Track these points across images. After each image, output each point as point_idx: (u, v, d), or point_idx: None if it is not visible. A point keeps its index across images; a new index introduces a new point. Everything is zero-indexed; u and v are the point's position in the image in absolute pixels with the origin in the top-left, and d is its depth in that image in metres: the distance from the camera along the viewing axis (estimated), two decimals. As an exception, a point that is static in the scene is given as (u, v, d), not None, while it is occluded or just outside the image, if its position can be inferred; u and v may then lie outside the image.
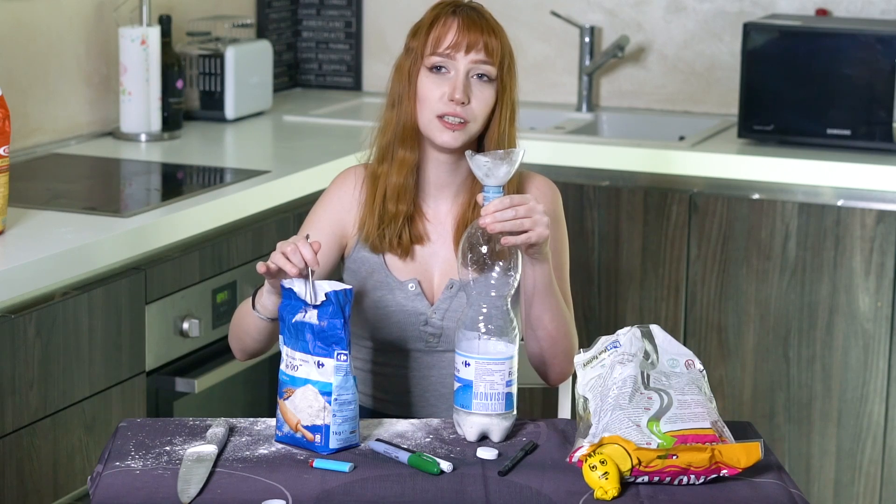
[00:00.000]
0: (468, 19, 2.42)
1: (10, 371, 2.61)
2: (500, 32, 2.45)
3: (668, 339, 2.20)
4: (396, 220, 2.46)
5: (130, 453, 2.12)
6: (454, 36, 2.41)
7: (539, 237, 2.25)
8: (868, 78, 3.73)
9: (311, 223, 2.51)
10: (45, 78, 3.63)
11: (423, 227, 2.50)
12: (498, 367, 2.17)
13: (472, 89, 2.41)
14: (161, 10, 3.94)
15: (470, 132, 2.42)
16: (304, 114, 4.26)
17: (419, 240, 2.49)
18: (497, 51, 2.42)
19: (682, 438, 2.05)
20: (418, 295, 2.47)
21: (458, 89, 2.40)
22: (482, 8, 2.47)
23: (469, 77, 2.42)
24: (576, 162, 3.89)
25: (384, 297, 2.47)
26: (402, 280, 2.48)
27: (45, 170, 3.43)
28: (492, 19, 2.45)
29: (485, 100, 2.42)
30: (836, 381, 3.70)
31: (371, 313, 2.48)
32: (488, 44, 2.41)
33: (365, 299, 2.48)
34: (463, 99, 2.40)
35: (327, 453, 2.13)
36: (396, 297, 2.47)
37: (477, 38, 2.41)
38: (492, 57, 2.42)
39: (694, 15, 4.33)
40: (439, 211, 2.51)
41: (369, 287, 2.48)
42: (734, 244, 3.74)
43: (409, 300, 2.47)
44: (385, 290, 2.48)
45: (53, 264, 2.71)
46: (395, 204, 2.46)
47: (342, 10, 4.69)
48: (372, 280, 2.48)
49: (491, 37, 2.42)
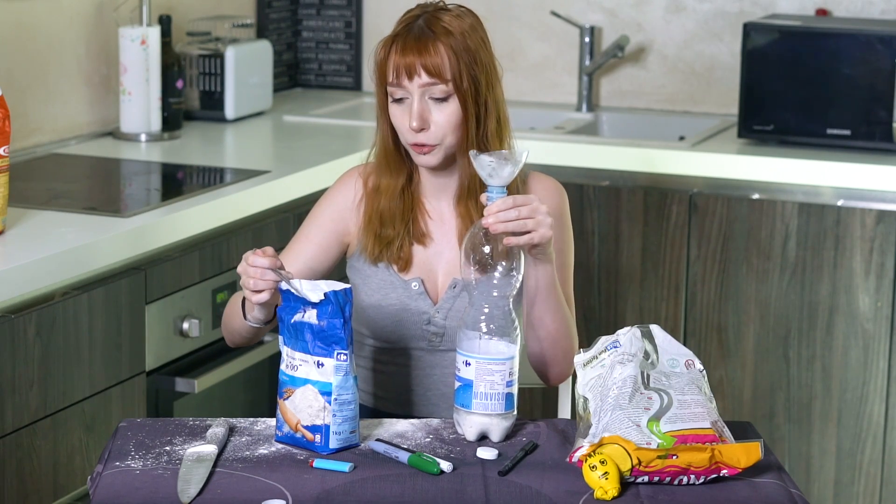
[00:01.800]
0: (404, 43, 2.37)
1: (10, 371, 2.61)
2: (450, 41, 2.37)
3: (668, 339, 2.20)
4: (393, 241, 2.47)
5: (130, 453, 2.12)
6: (394, 64, 2.38)
7: (542, 238, 2.25)
8: (868, 78, 3.73)
9: (313, 220, 2.52)
10: (45, 78, 3.63)
11: (425, 226, 2.50)
12: (498, 368, 2.17)
13: (430, 112, 2.40)
14: (161, 10, 3.95)
15: (445, 149, 2.41)
16: (304, 114, 4.26)
17: (422, 239, 2.49)
18: (440, 66, 2.36)
19: (682, 438, 2.05)
20: (422, 294, 2.47)
21: (415, 118, 2.38)
22: (439, 15, 2.40)
23: (426, 99, 2.39)
24: (576, 162, 3.89)
25: (388, 296, 2.47)
26: (406, 279, 2.48)
27: (45, 170, 3.44)
28: (442, 30, 2.37)
29: (446, 117, 2.39)
30: (836, 381, 3.70)
31: (374, 311, 2.48)
32: (427, 65, 2.36)
33: (368, 297, 2.49)
34: (420, 126, 2.38)
35: (327, 453, 2.13)
36: (400, 295, 2.47)
37: (413, 61, 2.36)
38: (436, 76, 2.37)
39: (694, 15, 4.33)
40: (442, 210, 2.51)
41: (373, 285, 2.48)
42: (734, 244, 3.74)
43: (412, 299, 2.47)
44: (389, 289, 2.48)
45: (53, 264, 2.71)
46: (390, 227, 2.47)
47: (342, 10, 4.69)
48: (376, 278, 2.48)
49: (429, 55, 2.36)
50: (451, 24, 2.39)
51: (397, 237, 2.46)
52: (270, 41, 4.36)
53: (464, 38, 2.39)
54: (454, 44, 2.38)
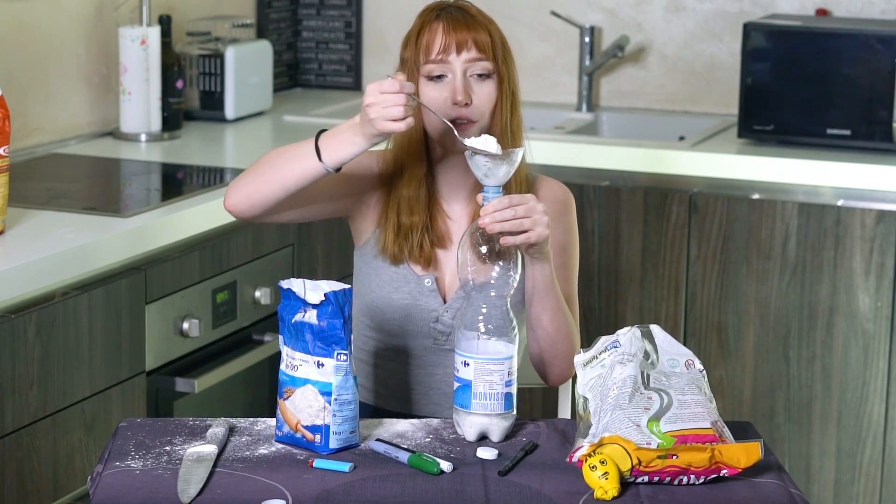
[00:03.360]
0: (452, 20, 2.42)
1: (10, 371, 2.61)
2: (489, 25, 2.45)
3: (668, 339, 2.20)
4: (413, 231, 2.46)
5: (130, 453, 2.12)
6: (442, 40, 2.41)
7: (539, 237, 2.25)
8: (868, 78, 3.73)
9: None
10: (45, 78, 3.63)
11: (445, 228, 2.50)
12: (497, 368, 2.17)
13: (472, 88, 2.42)
14: (161, 10, 3.94)
15: (480, 129, 2.43)
16: (304, 114, 4.25)
17: (442, 242, 2.49)
18: (488, 45, 2.42)
19: (682, 438, 2.05)
20: (433, 291, 2.47)
21: (459, 91, 2.40)
22: (468, 5, 2.47)
23: (467, 77, 2.42)
24: (576, 162, 3.89)
25: (399, 289, 2.47)
26: (420, 274, 2.48)
27: (45, 170, 3.44)
28: (479, 14, 2.45)
29: (487, 95, 2.43)
30: (836, 381, 3.70)
31: (383, 303, 2.48)
32: (478, 40, 2.41)
33: (379, 289, 2.48)
34: (466, 100, 2.40)
35: (327, 453, 2.13)
36: (412, 290, 2.47)
37: (465, 36, 2.41)
38: (484, 52, 2.42)
39: (694, 15, 4.33)
40: (455, 212, 2.51)
41: (385, 276, 2.48)
42: (734, 244, 3.74)
43: (423, 295, 2.47)
44: (401, 282, 2.47)
45: (53, 264, 2.71)
46: (408, 216, 2.46)
47: (342, 10, 4.69)
48: (389, 270, 2.48)
49: (479, 32, 2.42)
50: (482, 12, 2.48)
51: (416, 231, 2.46)
52: (270, 41, 4.36)
53: (498, 28, 2.47)
54: (493, 29, 2.45)
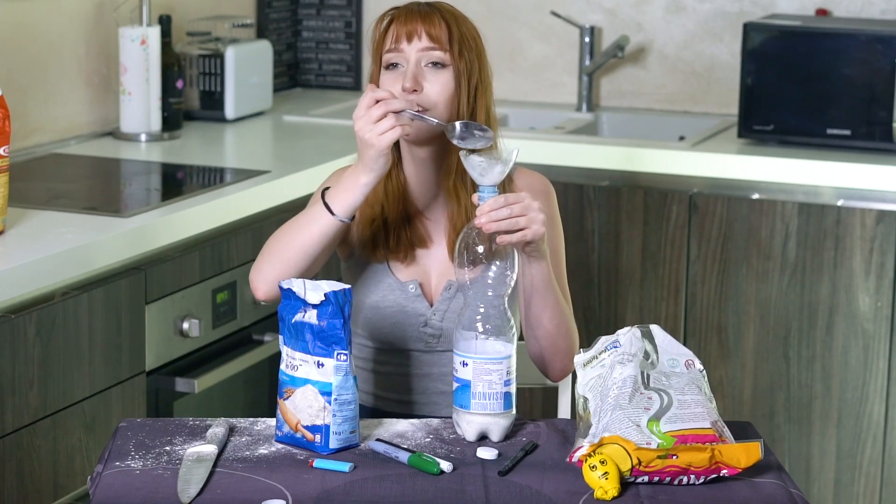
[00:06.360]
0: (408, 12, 2.44)
1: (10, 371, 2.61)
2: (454, 21, 2.44)
3: (668, 339, 2.20)
4: (388, 222, 2.46)
5: (130, 453, 2.12)
6: (395, 30, 2.43)
7: (535, 235, 2.25)
8: (868, 78, 3.73)
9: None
10: (45, 78, 3.63)
11: (424, 229, 2.50)
12: (496, 367, 2.17)
13: (425, 76, 2.42)
14: (161, 10, 3.95)
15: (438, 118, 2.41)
16: (304, 114, 4.26)
17: (423, 242, 2.49)
18: (443, 37, 2.42)
19: (682, 438, 2.05)
20: (418, 296, 2.47)
21: (408, 78, 2.40)
22: (441, 4, 2.48)
23: (421, 66, 2.42)
24: (576, 162, 3.89)
25: (385, 298, 2.47)
26: (403, 281, 2.48)
27: (45, 170, 3.44)
28: (446, 11, 2.45)
29: (441, 84, 2.42)
30: (836, 381, 3.70)
31: (371, 313, 2.48)
32: (430, 32, 2.42)
33: (366, 299, 2.48)
34: (413, 86, 2.40)
35: (327, 453, 2.13)
36: (397, 297, 2.47)
37: (416, 26, 2.42)
38: (437, 42, 2.42)
39: (694, 15, 4.33)
40: (433, 212, 2.50)
41: (370, 287, 2.48)
42: (734, 244, 3.74)
43: (409, 301, 2.47)
44: (386, 291, 2.48)
45: (53, 264, 2.71)
46: (379, 205, 2.46)
47: (342, 10, 4.69)
48: (374, 280, 2.48)
49: (433, 23, 2.42)
50: (453, 10, 2.48)
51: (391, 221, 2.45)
52: (270, 41, 4.36)
53: (465, 23, 2.47)
54: (455, 23, 2.45)
